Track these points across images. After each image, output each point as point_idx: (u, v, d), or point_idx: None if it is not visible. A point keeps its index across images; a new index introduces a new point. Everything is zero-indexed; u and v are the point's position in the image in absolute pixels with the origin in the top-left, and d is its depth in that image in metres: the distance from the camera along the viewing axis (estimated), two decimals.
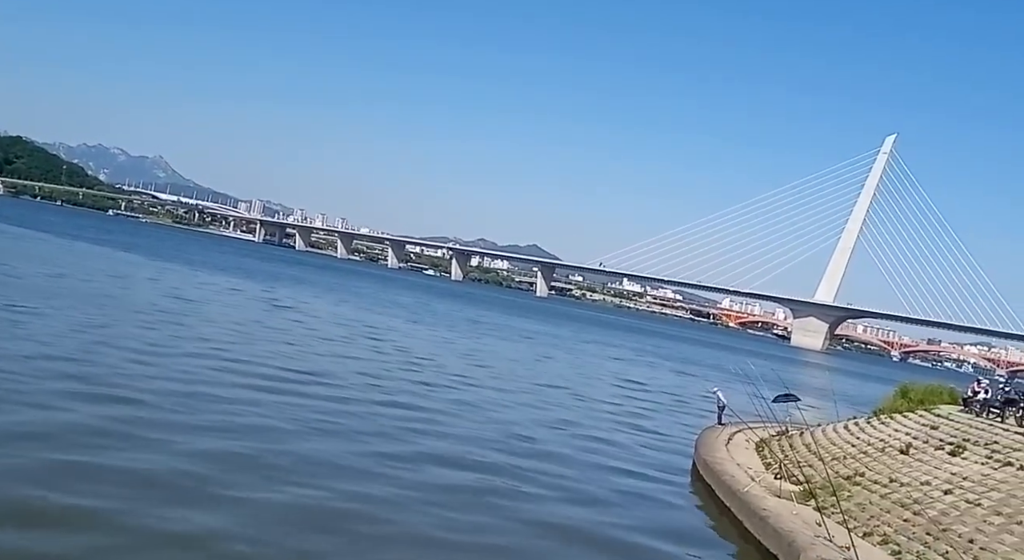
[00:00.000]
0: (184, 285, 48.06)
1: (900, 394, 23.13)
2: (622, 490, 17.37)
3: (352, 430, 18.09)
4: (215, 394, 19.12)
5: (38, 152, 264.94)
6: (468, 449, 18.28)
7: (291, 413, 18.53)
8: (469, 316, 72.90)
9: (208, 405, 17.84)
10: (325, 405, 20.23)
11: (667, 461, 21.74)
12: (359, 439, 17.38)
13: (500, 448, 19.01)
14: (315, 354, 29.40)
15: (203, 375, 21.13)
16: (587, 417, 26.77)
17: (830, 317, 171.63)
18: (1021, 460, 15.20)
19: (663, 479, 19.53)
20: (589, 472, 18.52)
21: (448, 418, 21.66)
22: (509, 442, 19.93)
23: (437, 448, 17.74)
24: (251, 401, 18.97)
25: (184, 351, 24.36)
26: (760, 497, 15.94)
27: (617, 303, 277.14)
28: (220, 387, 20.08)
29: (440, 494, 14.22)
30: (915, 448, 17.76)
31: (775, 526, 13.94)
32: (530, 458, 18.57)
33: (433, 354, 36.64)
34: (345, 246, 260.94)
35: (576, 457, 19.80)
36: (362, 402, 21.65)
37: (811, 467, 18.96)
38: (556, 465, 18.40)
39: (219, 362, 23.47)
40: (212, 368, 22.33)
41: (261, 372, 23.07)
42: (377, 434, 18.19)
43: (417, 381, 27.31)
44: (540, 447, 20.09)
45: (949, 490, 14.89)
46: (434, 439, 18.65)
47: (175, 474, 12.58)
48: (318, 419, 18.42)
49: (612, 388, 37.10)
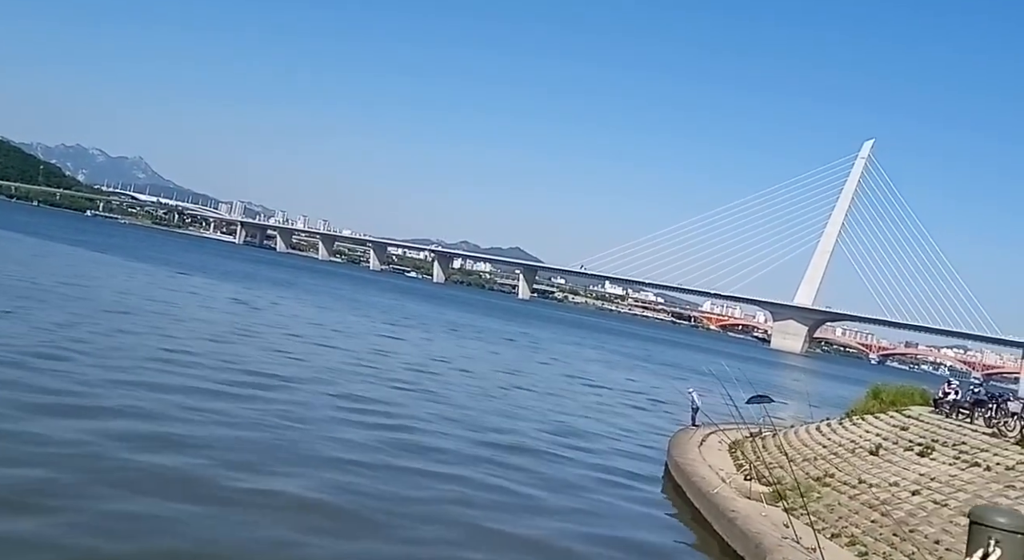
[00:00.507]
0: (137, 283, 47.48)
1: (872, 395, 23.16)
2: (592, 491, 17.18)
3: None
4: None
5: (14, 152, 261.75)
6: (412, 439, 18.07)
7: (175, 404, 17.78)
8: (440, 318, 72.48)
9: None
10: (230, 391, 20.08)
11: (639, 463, 21.59)
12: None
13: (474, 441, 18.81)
14: (254, 350, 28.63)
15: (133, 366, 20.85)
16: (558, 418, 26.58)
17: (809, 320, 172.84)
18: (988, 461, 15.21)
19: (635, 481, 19.37)
20: (556, 473, 18.32)
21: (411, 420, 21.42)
22: (475, 448, 19.72)
23: (399, 460, 17.29)
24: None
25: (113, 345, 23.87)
26: (730, 498, 15.85)
27: (599, 306, 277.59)
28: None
29: (404, 505, 13.98)
30: (884, 449, 17.75)
31: (743, 528, 13.84)
32: (494, 462, 18.35)
33: (390, 354, 36.15)
34: (327, 248, 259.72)
35: (543, 460, 19.59)
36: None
37: (782, 468, 18.91)
38: (520, 467, 18.18)
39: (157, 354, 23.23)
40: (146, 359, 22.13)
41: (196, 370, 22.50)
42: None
43: (369, 383, 26.54)
44: (505, 449, 19.86)
45: (917, 491, 14.86)
46: (402, 451, 18.37)
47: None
48: (202, 406, 17.86)
49: (584, 389, 36.95)
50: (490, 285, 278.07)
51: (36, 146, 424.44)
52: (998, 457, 15.28)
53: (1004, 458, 15.13)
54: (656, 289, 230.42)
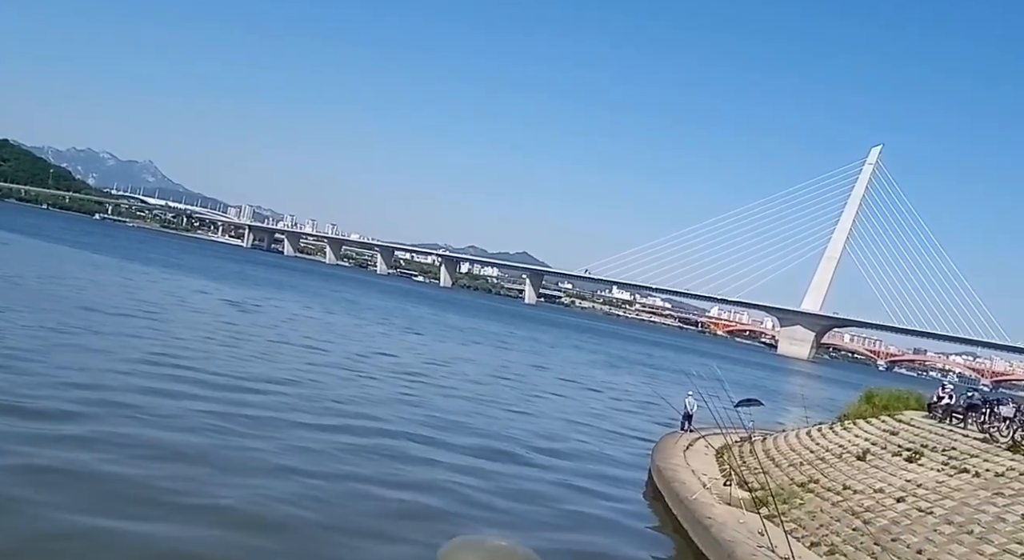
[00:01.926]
0: (138, 285, 47.23)
1: (865, 399, 22.51)
2: (566, 500, 16.55)
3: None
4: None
5: (25, 155, 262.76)
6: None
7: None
8: (440, 321, 71.98)
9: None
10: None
11: (624, 467, 21.02)
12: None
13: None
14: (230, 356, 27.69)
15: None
16: (545, 420, 26.04)
17: (816, 326, 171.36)
18: (977, 467, 14.56)
19: (616, 487, 18.80)
20: (535, 477, 17.77)
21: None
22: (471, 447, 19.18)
23: (363, 469, 16.73)
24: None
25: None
26: (708, 505, 15.24)
27: (606, 311, 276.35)
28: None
29: (380, 515, 13.45)
30: (872, 454, 17.11)
31: (717, 536, 13.23)
32: (477, 466, 17.84)
33: (383, 354, 35.81)
34: (334, 252, 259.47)
35: (525, 464, 19.05)
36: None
37: (767, 474, 18.29)
38: (493, 474, 17.65)
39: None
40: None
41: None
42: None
43: (354, 389, 26.31)
44: (484, 454, 19.34)
45: (902, 498, 14.23)
46: (367, 458, 17.87)
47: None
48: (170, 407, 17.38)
49: (576, 393, 36.37)
50: (497, 290, 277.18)
51: (47, 149, 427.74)
52: (988, 463, 14.63)
53: (994, 464, 14.48)
54: (663, 294, 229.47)
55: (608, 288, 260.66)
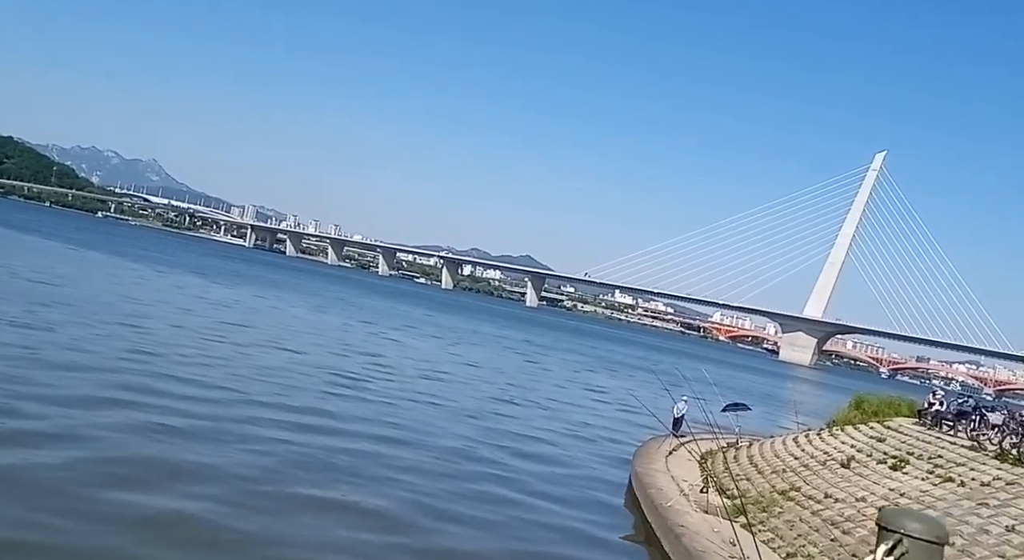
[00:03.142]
0: (102, 277, 46.62)
1: (854, 405, 21.87)
2: (544, 505, 15.98)
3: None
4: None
5: (28, 152, 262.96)
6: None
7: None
8: (430, 321, 71.42)
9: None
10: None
11: (608, 473, 20.45)
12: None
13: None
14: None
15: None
16: (532, 423, 25.46)
17: (818, 332, 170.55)
18: (963, 475, 13.96)
19: (597, 490, 18.25)
20: (512, 480, 17.21)
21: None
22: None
23: (300, 482, 16.19)
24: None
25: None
26: (683, 512, 14.66)
27: (608, 315, 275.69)
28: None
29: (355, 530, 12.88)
30: (857, 462, 16.51)
31: (688, 545, 12.66)
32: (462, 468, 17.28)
33: (347, 356, 35.27)
34: (336, 253, 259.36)
35: (498, 466, 18.48)
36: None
37: (749, 480, 17.74)
38: (472, 475, 17.10)
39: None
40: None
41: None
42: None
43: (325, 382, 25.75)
44: (469, 454, 18.80)
45: (884, 507, 13.61)
46: (303, 466, 17.29)
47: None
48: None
49: (566, 395, 35.78)
50: (499, 292, 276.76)
51: (52, 147, 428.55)
52: (974, 472, 14.03)
53: (980, 473, 13.88)
54: (665, 299, 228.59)
55: (610, 292, 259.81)
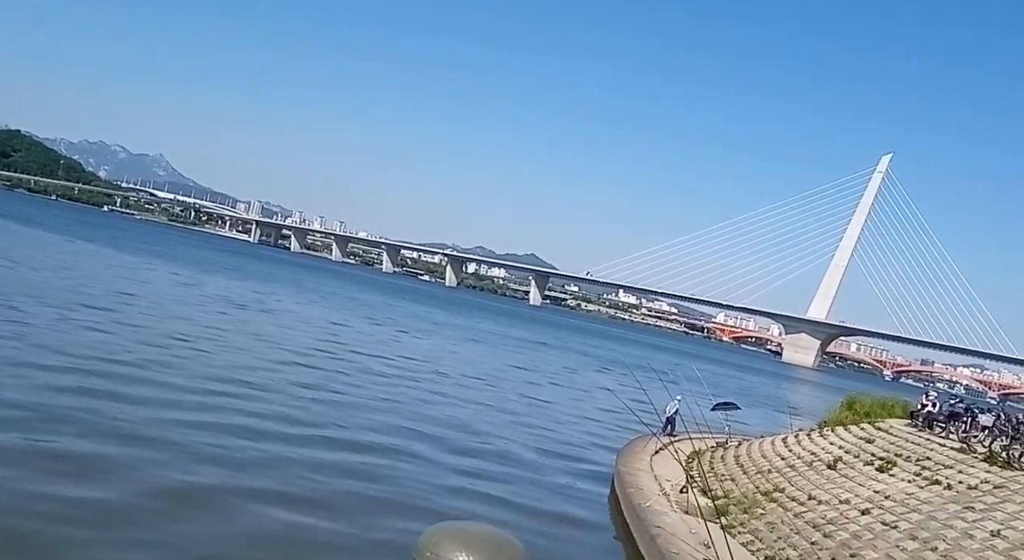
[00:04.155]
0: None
1: (847, 406, 21.43)
2: (526, 503, 15.61)
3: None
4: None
5: (36, 146, 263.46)
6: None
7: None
8: (428, 318, 71.01)
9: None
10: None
11: (596, 471, 20.06)
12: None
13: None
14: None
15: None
16: (517, 420, 25.08)
17: (822, 334, 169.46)
18: (950, 478, 13.52)
19: (581, 490, 17.87)
20: (497, 477, 16.86)
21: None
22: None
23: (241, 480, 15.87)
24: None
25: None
26: (660, 513, 14.26)
27: (612, 314, 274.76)
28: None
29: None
30: (844, 463, 16.08)
31: (662, 547, 12.27)
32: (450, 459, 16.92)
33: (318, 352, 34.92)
34: (340, 249, 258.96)
35: (488, 460, 18.14)
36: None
37: (734, 481, 17.33)
38: (455, 462, 16.73)
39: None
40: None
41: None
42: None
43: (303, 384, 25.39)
44: (457, 450, 18.44)
45: (867, 510, 13.21)
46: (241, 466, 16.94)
47: None
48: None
49: (552, 396, 35.38)
50: (503, 291, 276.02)
51: (59, 141, 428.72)
52: (962, 474, 13.59)
53: (968, 476, 13.43)
54: (669, 299, 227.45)
55: (614, 291, 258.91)
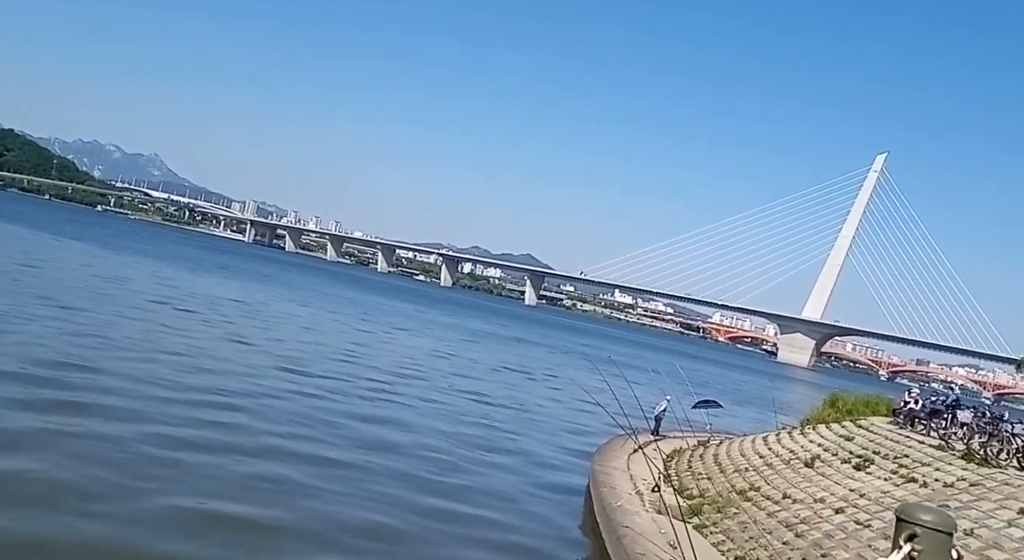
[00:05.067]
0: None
1: (829, 404, 21.07)
2: (502, 504, 15.25)
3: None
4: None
5: (29, 146, 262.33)
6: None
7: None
8: (420, 317, 70.63)
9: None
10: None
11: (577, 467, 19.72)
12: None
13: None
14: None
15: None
16: (499, 419, 24.73)
17: (817, 333, 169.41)
18: (927, 476, 13.17)
19: (558, 490, 17.51)
20: (473, 477, 16.52)
21: None
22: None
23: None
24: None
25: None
26: (631, 513, 13.89)
27: (607, 314, 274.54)
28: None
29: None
30: (821, 461, 15.73)
31: (628, 547, 11.90)
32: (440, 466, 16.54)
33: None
34: (335, 249, 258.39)
35: (458, 467, 17.75)
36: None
37: (710, 480, 16.97)
38: (425, 471, 16.36)
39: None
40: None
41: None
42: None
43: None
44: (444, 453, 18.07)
45: (842, 509, 12.86)
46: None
47: None
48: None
49: (536, 394, 35.04)
50: (498, 291, 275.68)
51: (54, 141, 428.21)
52: (939, 472, 13.24)
53: (945, 474, 13.09)
54: (665, 299, 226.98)
55: (610, 291, 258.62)
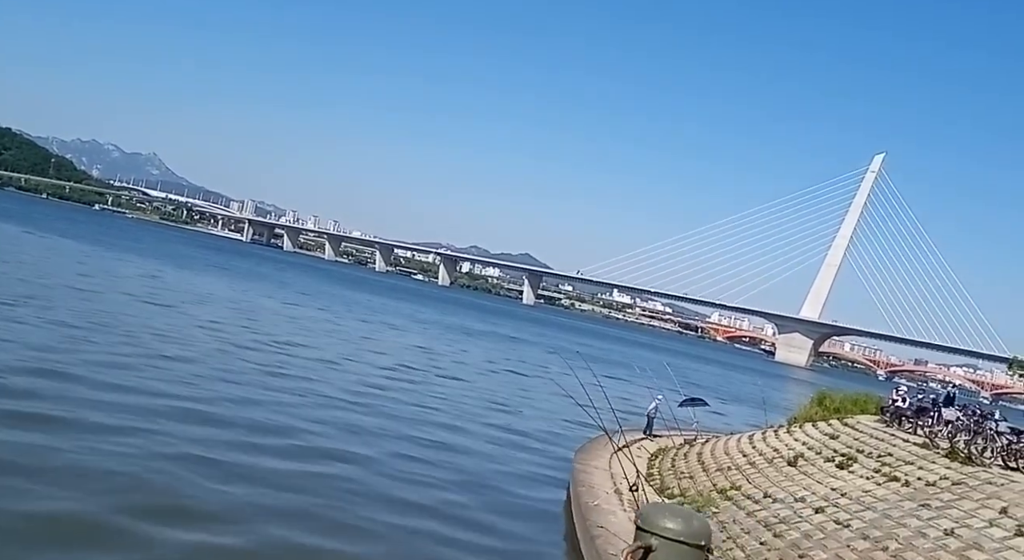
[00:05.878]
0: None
1: (816, 402, 20.76)
2: (480, 503, 14.96)
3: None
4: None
5: (27, 145, 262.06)
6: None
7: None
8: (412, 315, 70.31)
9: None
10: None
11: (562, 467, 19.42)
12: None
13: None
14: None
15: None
16: (486, 417, 24.43)
17: (815, 333, 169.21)
18: (910, 475, 12.85)
19: (541, 489, 17.21)
20: (455, 472, 16.28)
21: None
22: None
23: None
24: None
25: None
26: (608, 512, 13.57)
27: (606, 314, 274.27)
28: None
29: None
30: (805, 459, 15.42)
31: (600, 548, 11.57)
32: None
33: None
34: (333, 248, 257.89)
35: (449, 452, 17.47)
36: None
37: (692, 479, 16.66)
38: (403, 465, 16.06)
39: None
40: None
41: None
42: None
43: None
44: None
45: (822, 508, 12.53)
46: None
47: None
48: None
49: (524, 392, 34.72)
50: (496, 290, 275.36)
51: (52, 140, 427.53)
52: (922, 471, 12.93)
53: (928, 472, 12.77)
54: (663, 298, 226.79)
55: (608, 291, 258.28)
